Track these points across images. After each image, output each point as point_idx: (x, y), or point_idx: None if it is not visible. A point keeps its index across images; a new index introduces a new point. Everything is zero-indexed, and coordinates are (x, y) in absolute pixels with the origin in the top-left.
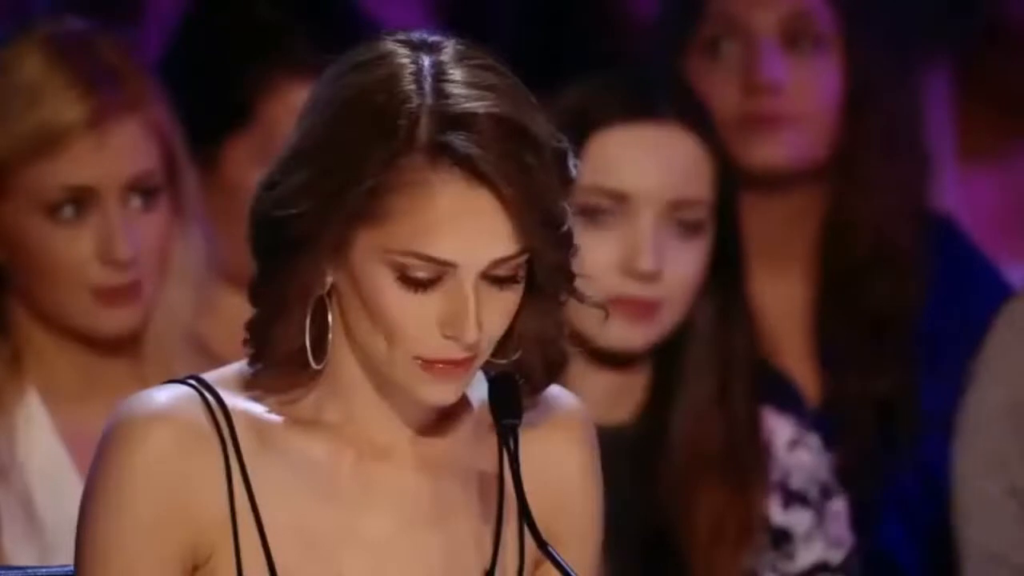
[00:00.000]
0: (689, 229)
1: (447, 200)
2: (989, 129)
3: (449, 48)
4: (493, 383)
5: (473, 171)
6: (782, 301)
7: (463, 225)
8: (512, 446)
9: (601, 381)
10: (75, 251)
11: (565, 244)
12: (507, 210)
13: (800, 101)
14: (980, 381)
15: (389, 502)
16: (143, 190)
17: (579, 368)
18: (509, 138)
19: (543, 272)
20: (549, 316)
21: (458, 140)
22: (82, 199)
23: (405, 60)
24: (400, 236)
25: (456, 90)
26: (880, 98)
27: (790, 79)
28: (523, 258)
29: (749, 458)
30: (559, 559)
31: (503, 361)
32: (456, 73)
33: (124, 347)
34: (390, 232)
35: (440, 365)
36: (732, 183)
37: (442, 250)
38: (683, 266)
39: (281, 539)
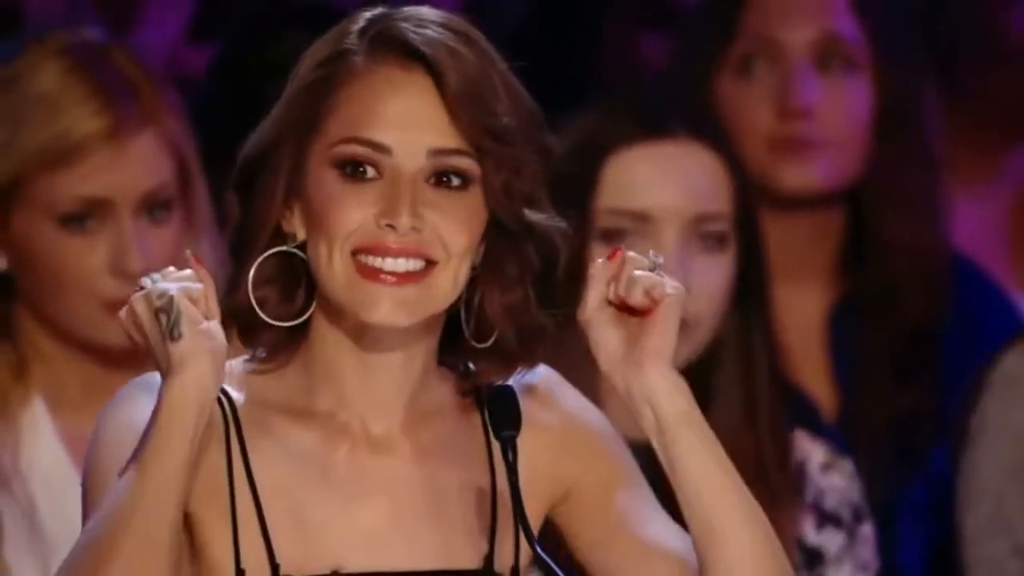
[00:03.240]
0: (713, 243)
1: (381, 85)
2: (975, 144)
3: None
4: (491, 396)
5: (407, 51)
6: (801, 318)
7: (396, 108)
8: (511, 458)
9: None
10: (87, 262)
11: (510, 144)
12: (442, 95)
13: (832, 125)
14: (982, 441)
15: (384, 491)
16: (157, 203)
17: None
18: (453, 36)
19: (491, 186)
20: (517, 285)
21: (398, 25)
22: (97, 210)
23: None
24: (340, 127)
25: (410, 8)
26: (910, 117)
27: (823, 103)
28: (467, 161)
29: (778, 477)
30: (549, 562)
31: (480, 346)
32: (405, 7)
33: (129, 360)
34: (331, 130)
35: (382, 275)
36: (750, 196)
37: (375, 132)
38: (709, 281)
39: (278, 529)
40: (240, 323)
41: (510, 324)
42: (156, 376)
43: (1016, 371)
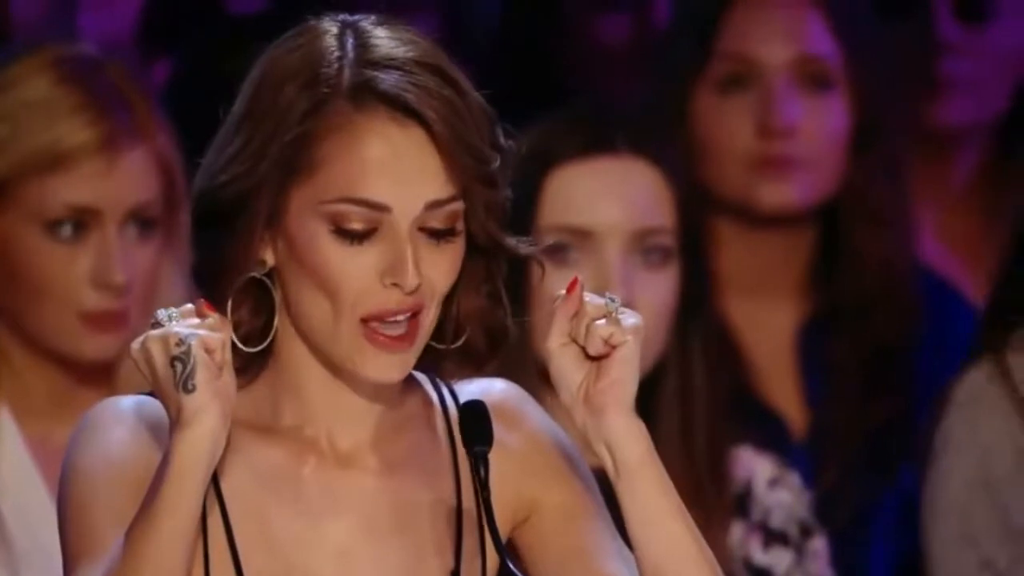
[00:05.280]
0: (656, 258)
1: (375, 140)
2: (920, 155)
3: (370, 17)
4: (463, 411)
5: (399, 107)
6: (772, 334)
7: (393, 165)
8: (483, 474)
9: None
10: (70, 271)
11: (496, 186)
12: (437, 147)
13: (812, 143)
14: (946, 457)
15: (351, 507)
16: (142, 219)
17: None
18: (432, 78)
19: (476, 221)
20: (487, 287)
21: (381, 78)
22: (84, 219)
23: (326, 26)
24: (331, 184)
25: (377, 42)
26: (881, 133)
27: (803, 122)
28: (457, 205)
29: (713, 497)
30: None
31: (443, 347)
32: (377, 31)
33: (98, 373)
34: (321, 183)
35: (383, 338)
36: (694, 212)
37: (374, 192)
38: (654, 296)
39: (249, 546)
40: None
41: (479, 324)
42: (129, 400)
43: (979, 386)
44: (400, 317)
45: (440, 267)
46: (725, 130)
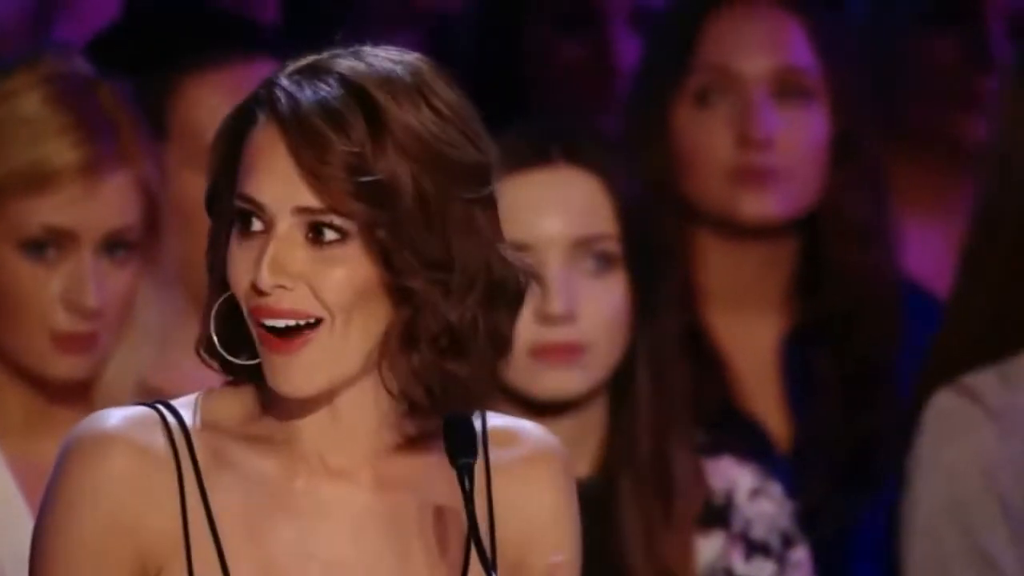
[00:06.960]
0: (599, 266)
1: (266, 141)
2: (931, 172)
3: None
4: (447, 424)
5: (272, 111)
6: (755, 347)
7: (264, 164)
8: (467, 486)
9: (556, 431)
10: (42, 291)
11: (391, 210)
12: (298, 159)
13: (790, 154)
14: (916, 483)
15: (343, 521)
16: (120, 244)
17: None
18: (339, 91)
19: (374, 252)
20: (416, 346)
21: (282, 81)
22: (60, 242)
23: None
24: (239, 180)
25: (339, 55)
26: (861, 145)
27: (782, 133)
28: (337, 218)
29: (657, 502)
30: None
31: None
32: (365, 50)
33: (73, 393)
34: (238, 179)
35: (273, 339)
36: (640, 219)
37: (253, 189)
38: (599, 304)
39: (237, 557)
40: (211, 355)
41: (418, 385)
42: (114, 422)
43: (944, 408)
44: (279, 323)
45: (321, 272)
46: (704, 141)
